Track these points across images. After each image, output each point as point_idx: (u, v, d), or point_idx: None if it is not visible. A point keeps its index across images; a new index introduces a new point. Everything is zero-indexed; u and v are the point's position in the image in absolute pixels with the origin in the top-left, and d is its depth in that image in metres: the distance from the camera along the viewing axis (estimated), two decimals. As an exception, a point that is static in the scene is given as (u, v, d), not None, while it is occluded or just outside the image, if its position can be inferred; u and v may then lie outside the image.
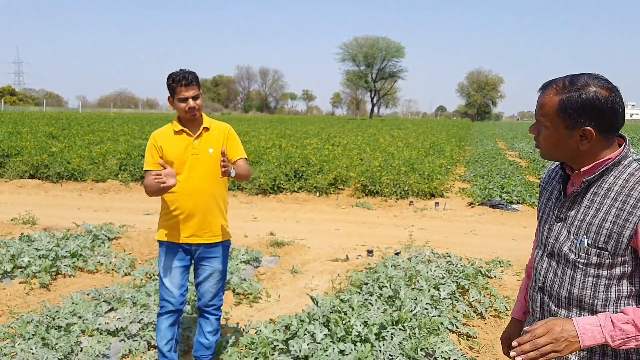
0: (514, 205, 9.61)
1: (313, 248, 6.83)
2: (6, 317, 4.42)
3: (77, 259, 5.56)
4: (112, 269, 5.64)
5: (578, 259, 1.55)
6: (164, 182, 2.84)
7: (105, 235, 6.52)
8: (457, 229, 8.21)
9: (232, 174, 2.98)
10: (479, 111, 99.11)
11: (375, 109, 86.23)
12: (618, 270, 1.50)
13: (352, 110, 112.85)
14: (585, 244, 1.53)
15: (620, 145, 1.57)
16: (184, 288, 3.32)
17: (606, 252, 1.50)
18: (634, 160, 1.53)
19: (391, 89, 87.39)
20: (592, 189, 1.56)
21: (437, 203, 9.95)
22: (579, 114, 1.49)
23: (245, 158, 3.32)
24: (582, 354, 1.57)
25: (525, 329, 1.46)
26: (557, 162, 1.76)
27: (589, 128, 1.49)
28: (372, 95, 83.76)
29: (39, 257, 5.41)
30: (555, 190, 1.71)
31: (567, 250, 1.58)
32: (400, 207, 9.95)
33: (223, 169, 2.89)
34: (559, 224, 1.62)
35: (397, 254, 6.01)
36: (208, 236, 3.23)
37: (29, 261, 5.23)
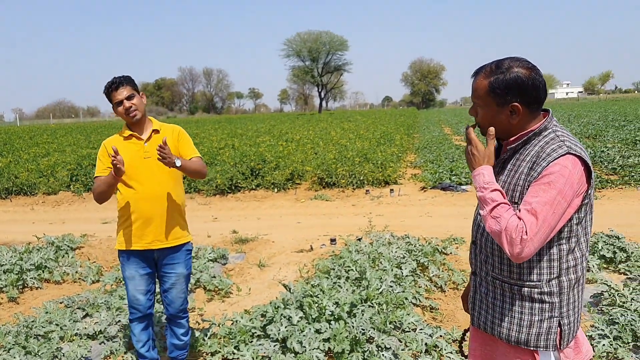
0: (463, 187, 10.10)
1: (277, 242, 7.03)
2: (-23, 333, 4.40)
3: (43, 271, 5.55)
4: (79, 278, 5.65)
5: None
6: (121, 165, 2.86)
7: (68, 246, 6.49)
8: (412, 212, 8.58)
9: (177, 164, 2.95)
10: (423, 99, 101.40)
11: (324, 103, 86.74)
12: None
13: (301, 106, 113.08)
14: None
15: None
16: (150, 292, 3.32)
17: (516, 205, 1.75)
18: (553, 131, 1.79)
19: (338, 82, 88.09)
20: (516, 156, 1.83)
21: (391, 190, 10.33)
22: (506, 92, 1.75)
23: (200, 157, 3.30)
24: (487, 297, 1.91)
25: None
26: None
27: (516, 104, 1.75)
28: (320, 90, 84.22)
29: (4, 271, 5.37)
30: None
31: None
32: (358, 196, 10.27)
33: (164, 160, 2.88)
34: None
35: (359, 239, 6.28)
36: (170, 239, 3.21)
37: (-7, 277, 5.19)
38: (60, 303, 4.66)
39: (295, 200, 10.25)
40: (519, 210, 1.67)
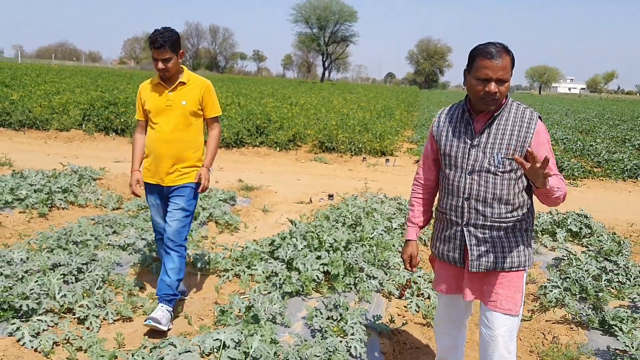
0: (455, 163, 10.71)
1: (279, 193, 7.65)
2: (15, 238, 5.00)
3: (69, 194, 6.13)
4: (101, 204, 6.24)
5: (497, 169, 2.30)
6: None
7: (90, 176, 7.07)
8: (405, 181, 9.20)
9: (211, 173, 3.61)
10: (427, 79, 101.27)
11: (327, 73, 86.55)
12: (519, 172, 2.30)
13: (303, 73, 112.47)
14: (501, 158, 2.29)
15: None
16: None
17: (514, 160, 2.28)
18: (514, 101, 2.37)
19: (343, 54, 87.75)
20: (496, 121, 2.33)
21: (387, 160, 10.94)
22: (513, 64, 2.28)
23: (218, 116, 3.65)
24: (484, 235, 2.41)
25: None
26: (444, 111, 2.50)
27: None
28: (324, 59, 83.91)
29: (34, 191, 5.95)
30: (461, 128, 2.38)
31: (487, 165, 2.32)
32: (355, 162, 10.89)
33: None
34: (474, 150, 2.34)
35: (354, 197, 6.90)
36: (175, 177, 3.52)
37: (26, 194, 5.77)
38: (91, 220, 5.27)
39: (295, 160, 10.85)
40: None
